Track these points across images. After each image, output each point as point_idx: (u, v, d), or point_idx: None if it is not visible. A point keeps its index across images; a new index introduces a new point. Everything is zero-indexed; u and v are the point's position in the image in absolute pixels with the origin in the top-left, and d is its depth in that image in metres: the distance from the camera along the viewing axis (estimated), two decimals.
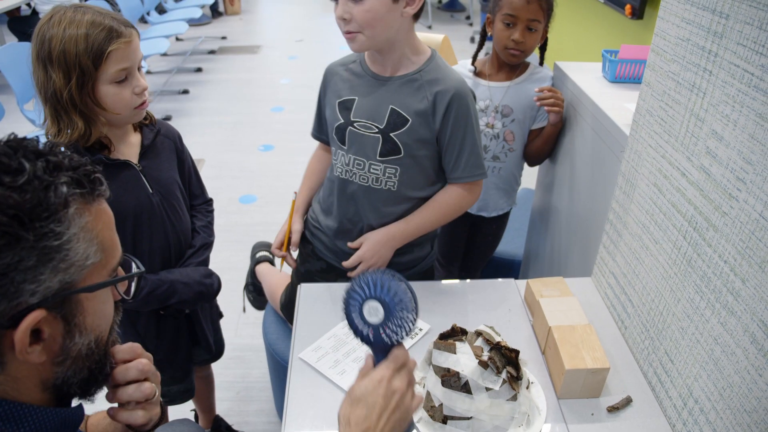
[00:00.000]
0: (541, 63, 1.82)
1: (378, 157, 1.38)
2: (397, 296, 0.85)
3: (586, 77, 1.68)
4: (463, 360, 1.06)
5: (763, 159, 0.82)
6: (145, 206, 1.33)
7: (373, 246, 1.43)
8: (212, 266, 1.54)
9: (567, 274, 1.73)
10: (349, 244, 1.47)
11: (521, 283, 1.42)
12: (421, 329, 1.33)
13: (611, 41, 3.54)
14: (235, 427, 2.05)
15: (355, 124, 1.38)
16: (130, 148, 1.33)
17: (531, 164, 1.89)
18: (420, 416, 1.09)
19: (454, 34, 1.78)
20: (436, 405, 1.07)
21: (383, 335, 0.86)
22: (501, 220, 2.00)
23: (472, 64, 1.84)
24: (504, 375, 1.05)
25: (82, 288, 0.65)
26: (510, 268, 2.28)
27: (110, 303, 0.73)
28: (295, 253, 1.63)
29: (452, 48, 1.78)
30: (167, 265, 1.41)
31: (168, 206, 1.38)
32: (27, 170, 0.60)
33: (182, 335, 1.52)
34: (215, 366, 1.88)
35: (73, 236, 0.63)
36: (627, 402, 1.12)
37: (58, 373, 0.68)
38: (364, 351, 1.25)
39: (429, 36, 1.70)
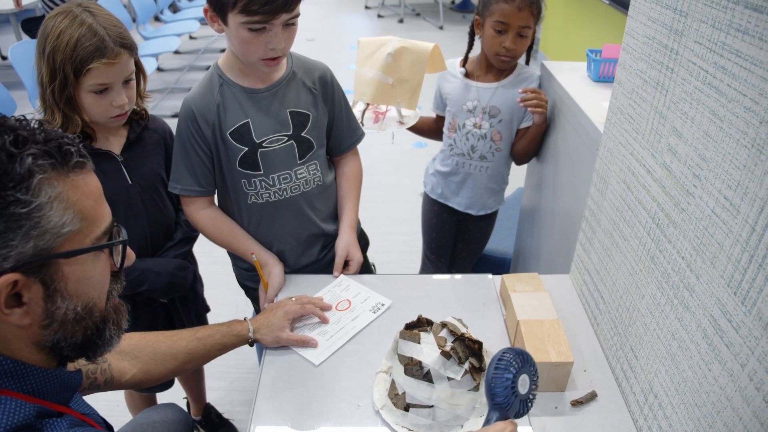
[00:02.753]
0: (527, 62, 1.83)
1: (299, 161, 1.42)
2: (536, 374, 1.00)
3: (571, 77, 1.69)
4: (426, 350, 1.08)
5: (715, 155, 0.83)
6: (122, 196, 1.37)
7: (354, 245, 1.51)
8: (213, 260, 1.55)
9: (552, 271, 1.74)
10: (337, 257, 1.49)
11: (498, 279, 1.44)
12: (383, 304, 1.38)
13: (616, 42, 3.52)
14: (225, 416, 2.08)
15: (263, 144, 1.37)
16: (115, 139, 1.36)
17: (518, 163, 1.91)
18: (384, 403, 1.11)
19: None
20: (400, 393, 1.09)
21: (524, 405, 0.98)
22: (489, 219, 2.01)
23: (462, 65, 1.85)
24: (466, 365, 1.07)
25: (58, 253, 0.68)
26: (501, 266, 2.29)
27: (100, 271, 0.76)
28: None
29: (442, 56, 1.80)
30: (143, 255, 1.44)
31: (147, 198, 1.41)
32: None
33: (158, 324, 1.55)
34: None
35: (43, 204, 0.66)
36: (591, 397, 1.13)
37: (47, 336, 0.72)
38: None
39: (418, 44, 1.71)
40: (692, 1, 0.88)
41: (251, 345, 1.30)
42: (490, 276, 1.47)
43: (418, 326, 1.16)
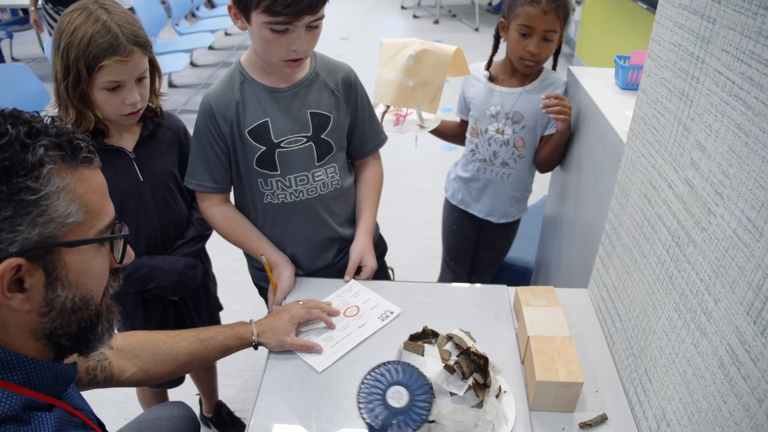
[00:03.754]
0: (554, 68, 1.77)
1: (317, 164, 1.39)
2: (419, 380, 0.97)
3: (598, 84, 1.63)
4: (429, 363, 1.04)
5: (739, 173, 0.78)
6: (132, 193, 1.36)
7: (369, 251, 1.48)
8: (233, 259, 1.54)
9: (571, 284, 1.68)
10: (350, 262, 1.47)
11: (513, 290, 1.39)
12: (392, 312, 1.35)
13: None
14: (237, 414, 2.08)
15: (282, 144, 1.35)
16: (128, 136, 1.36)
17: (541, 171, 1.85)
18: None
19: None
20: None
21: (406, 421, 0.93)
22: (510, 227, 1.96)
23: (487, 69, 1.80)
24: (470, 381, 1.03)
25: (61, 242, 0.71)
26: (523, 275, 2.24)
27: (100, 264, 0.78)
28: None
29: (465, 59, 1.75)
30: (153, 252, 1.44)
31: (159, 196, 1.41)
32: (9, 133, 0.67)
33: (168, 321, 1.55)
34: None
35: (51, 193, 0.69)
36: (601, 420, 1.08)
37: (45, 324, 0.74)
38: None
39: (441, 47, 1.67)
40: (721, 7, 0.82)
41: (255, 348, 1.28)
42: (505, 287, 1.43)
43: (423, 338, 1.12)
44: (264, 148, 1.34)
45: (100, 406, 1.29)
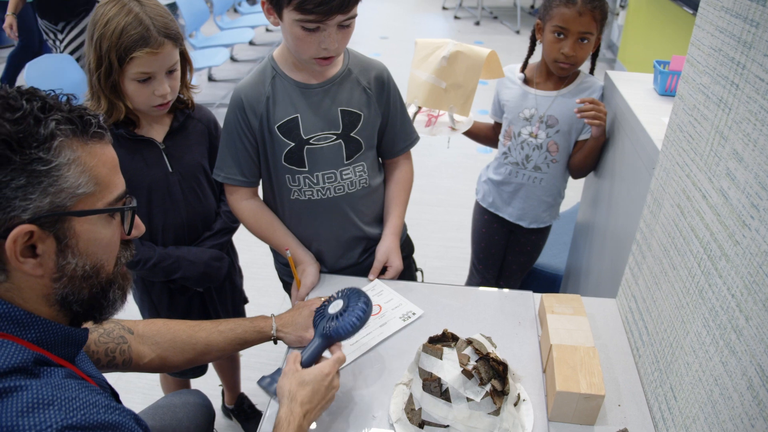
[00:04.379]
0: (592, 72, 1.73)
1: (346, 162, 1.38)
2: (354, 297, 1.14)
3: (636, 89, 1.58)
4: (447, 366, 1.02)
5: None
6: (161, 183, 1.38)
7: (395, 251, 1.47)
8: (262, 253, 1.54)
9: (601, 293, 1.64)
10: (376, 262, 1.46)
11: (539, 297, 1.36)
12: (414, 313, 1.34)
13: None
14: (258, 407, 2.09)
15: (311, 141, 1.34)
16: (158, 127, 1.38)
17: (574, 177, 1.81)
18: (399, 417, 1.07)
19: None
20: (416, 408, 1.04)
21: (334, 325, 1.10)
22: (541, 233, 1.92)
23: (522, 71, 1.77)
24: (488, 387, 1.01)
25: (71, 212, 0.74)
26: (553, 282, 2.20)
27: (109, 235, 0.81)
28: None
29: (500, 62, 1.72)
30: (180, 243, 1.45)
31: (187, 187, 1.42)
32: (24, 108, 0.71)
33: (193, 311, 1.56)
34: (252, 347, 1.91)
35: (62, 165, 0.72)
36: None
37: (56, 289, 0.78)
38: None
39: (475, 49, 1.65)
40: (766, 9, 0.78)
41: (275, 343, 1.28)
42: (531, 293, 1.40)
43: (442, 341, 1.10)
44: (293, 144, 1.33)
45: (125, 392, 1.32)
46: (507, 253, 2.02)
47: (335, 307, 1.13)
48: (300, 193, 1.40)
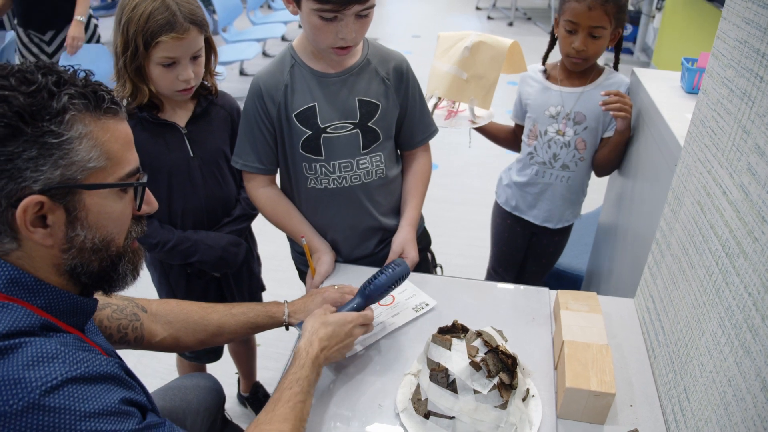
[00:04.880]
0: (616, 67, 1.69)
1: (362, 151, 1.38)
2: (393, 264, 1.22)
3: (661, 86, 1.54)
4: (455, 357, 1.02)
5: None
6: (181, 168, 1.40)
7: (411, 243, 1.46)
8: (284, 244, 1.55)
9: (620, 294, 1.60)
10: (392, 253, 1.45)
11: (555, 294, 1.34)
12: (427, 304, 1.33)
13: None
14: None
15: (328, 129, 1.34)
16: (181, 112, 1.40)
17: (598, 174, 1.77)
18: (405, 407, 1.06)
19: None
20: (422, 398, 1.03)
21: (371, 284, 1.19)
22: (564, 233, 1.89)
23: (544, 64, 1.75)
24: (495, 380, 0.99)
25: (82, 185, 0.76)
26: (573, 284, 2.16)
27: (120, 209, 0.82)
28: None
29: (523, 55, 1.70)
30: (199, 227, 1.47)
31: (207, 172, 1.43)
32: (39, 82, 0.72)
33: (209, 296, 1.57)
34: (269, 336, 1.90)
35: (73, 138, 0.74)
36: None
37: (66, 260, 0.79)
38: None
39: (498, 40, 1.63)
40: None
41: (287, 329, 1.28)
42: (547, 290, 1.38)
43: (452, 332, 1.09)
44: (310, 132, 1.34)
45: (143, 376, 1.33)
46: (528, 257, 1.99)
47: (377, 275, 1.20)
48: (316, 182, 1.40)
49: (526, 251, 1.98)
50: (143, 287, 1.24)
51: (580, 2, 1.51)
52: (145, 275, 1.56)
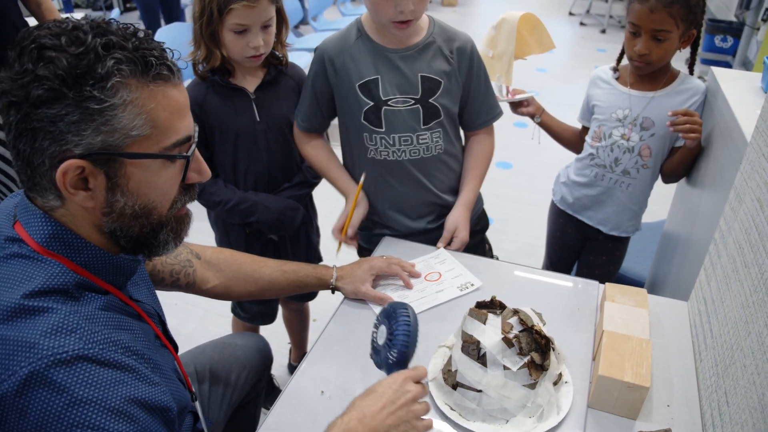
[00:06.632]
0: (691, 72, 1.62)
1: (422, 126, 1.40)
2: (393, 314, 0.98)
3: (739, 86, 1.46)
4: (489, 332, 1.02)
5: None
6: (248, 131, 1.47)
7: (464, 223, 1.48)
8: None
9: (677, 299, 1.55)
10: (445, 230, 1.47)
11: (603, 288, 1.31)
12: (472, 284, 1.34)
13: None
14: None
15: (389, 102, 1.37)
16: (251, 79, 1.47)
17: (665, 181, 1.69)
18: (434, 376, 1.07)
19: None
20: (453, 370, 1.04)
21: (390, 353, 0.95)
22: (618, 243, 1.81)
23: (617, 66, 1.69)
24: (526, 359, 0.99)
25: (122, 153, 0.74)
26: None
27: (164, 179, 0.80)
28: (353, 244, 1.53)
29: (547, 31, 1.65)
30: (260, 190, 1.54)
31: (272, 138, 1.50)
32: (87, 44, 0.70)
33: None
34: (326, 314, 1.91)
35: (116, 105, 0.72)
36: None
37: (106, 222, 0.79)
38: None
39: (512, 13, 1.63)
40: None
41: (333, 292, 1.32)
42: (596, 283, 1.35)
43: (489, 307, 1.10)
44: (372, 103, 1.38)
45: (200, 338, 1.41)
46: (581, 265, 1.94)
47: (381, 336, 1.00)
48: (376, 153, 1.44)
49: (579, 254, 1.93)
50: (204, 241, 1.31)
51: (642, 4, 1.45)
52: (207, 232, 1.65)
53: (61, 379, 0.68)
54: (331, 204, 1.65)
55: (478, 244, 1.63)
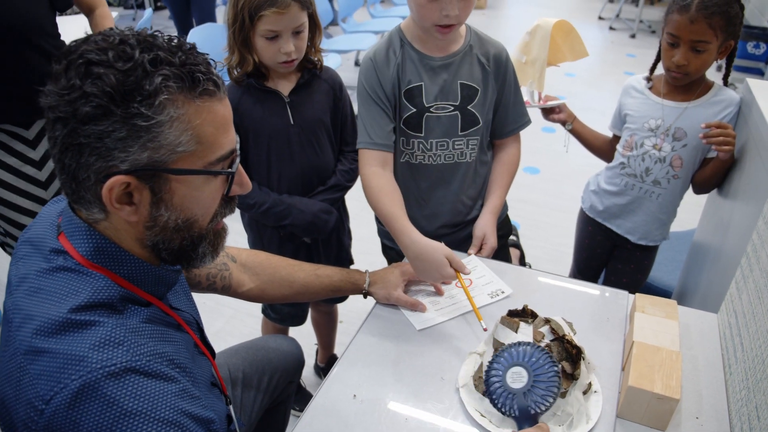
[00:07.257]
0: (725, 82, 1.61)
1: (460, 133, 1.43)
2: (538, 362, 0.97)
3: None
4: (520, 340, 1.04)
5: None
6: (281, 133, 1.50)
7: (491, 229, 1.49)
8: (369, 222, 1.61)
9: (706, 311, 1.55)
10: (475, 238, 1.48)
11: (633, 298, 1.32)
12: (503, 292, 1.35)
13: None
14: None
15: (431, 109, 1.40)
16: (285, 82, 1.50)
17: (696, 192, 1.69)
18: (465, 383, 1.09)
19: None
20: (483, 377, 1.06)
21: (529, 402, 0.95)
22: (647, 252, 1.81)
23: (650, 75, 1.69)
24: (557, 368, 1.01)
25: (168, 169, 0.75)
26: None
27: (207, 193, 0.81)
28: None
29: (581, 39, 1.66)
30: (293, 193, 1.57)
31: (306, 140, 1.53)
32: (135, 59, 0.70)
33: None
34: (352, 315, 1.91)
35: (163, 122, 0.72)
36: None
37: (149, 236, 0.80)
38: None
39: (548, 19, 1.64)
40: None
41: (365, 297, 1.35)
42: (626, 293, 1.36)
43: (521, 316, 1.12)
44: (414, 110, 1.41)
45: (230, 337, 1.44)
46: (608, 268, 1.94)
47: (519, 381, 0.98)
48: (411, 157, 1.48)
49: (607, 263, 1.93)
50: (237, 241, 1.34)
51: (682, 14, 1.45)
52: (240, 233, 1.68)
53: (112, 392, 0.69)
54: (359, 206, 1.67)
55: (501, 247, 1.65)
